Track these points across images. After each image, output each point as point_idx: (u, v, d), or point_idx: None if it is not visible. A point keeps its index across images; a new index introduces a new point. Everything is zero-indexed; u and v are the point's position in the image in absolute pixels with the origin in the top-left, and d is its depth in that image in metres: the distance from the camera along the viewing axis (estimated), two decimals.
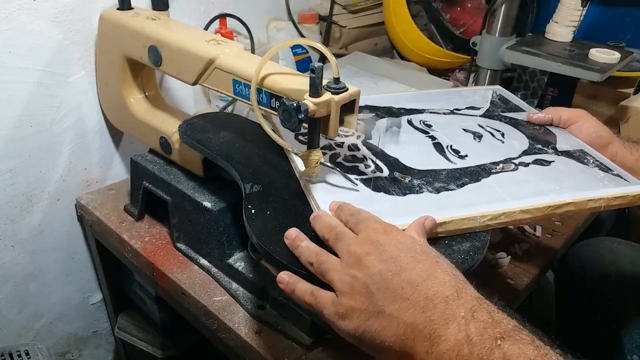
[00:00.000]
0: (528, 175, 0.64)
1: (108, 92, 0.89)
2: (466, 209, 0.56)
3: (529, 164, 0.66)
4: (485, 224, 0.56)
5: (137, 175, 0.85)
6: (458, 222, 0.55)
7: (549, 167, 0.66)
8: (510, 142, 0.72)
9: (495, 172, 0.64)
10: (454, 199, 0.59)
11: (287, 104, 0.51)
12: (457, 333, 0.41)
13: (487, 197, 0.59)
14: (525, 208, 0.57)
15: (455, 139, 0.71)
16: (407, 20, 1.26)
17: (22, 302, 0.96)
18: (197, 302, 0.72)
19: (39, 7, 0.79)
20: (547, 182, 0.62)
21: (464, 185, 0.61)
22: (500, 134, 0.74)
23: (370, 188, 0.59)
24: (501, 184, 0.61)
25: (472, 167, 0.65)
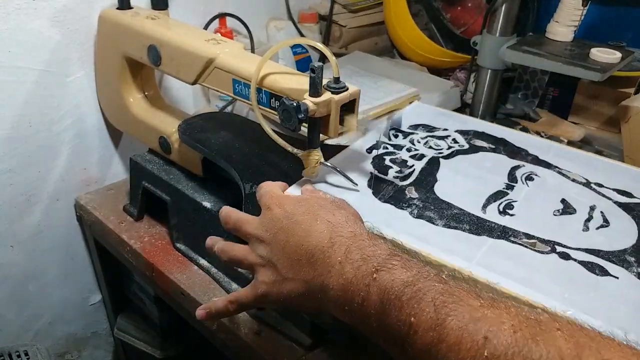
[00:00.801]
0: (548, 265, 0.50)
1: (107, 92, 0.89)
2: (422, 244, 0.51)
3: (572, 260, 0.51)
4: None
5: (136, 175, 0.85)
6: (433, 260, 0.50)
7: (598, 277, 0.49)
8: (596, 234, 0.55)
9: (514, 241, 0.53)
10: (425, 231, 0.54)
11: (287, 103, 0.51)
12: (338, 279, 0.44)
13: (453, 248, 0.51)
14: (475, 277, 0.47)
15: (530, 200, 0.60)
16: (407, 19, 1.25)
17: (21, 303, 0.96)
18: (197, 302, 0.72)
19: (38, 6, 0.79)
20: (559, 285, 0.47)
21: (454, 229, 0.55)
22: (599, 224, 0.57)
23: (371, 186, 0.59)
24: (493, 250, 0.51)
25: (493, 224, 0.55)
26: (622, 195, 0.62)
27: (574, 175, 0.65)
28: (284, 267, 0.48)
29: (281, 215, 0.50)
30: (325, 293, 0.45)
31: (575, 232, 0.55)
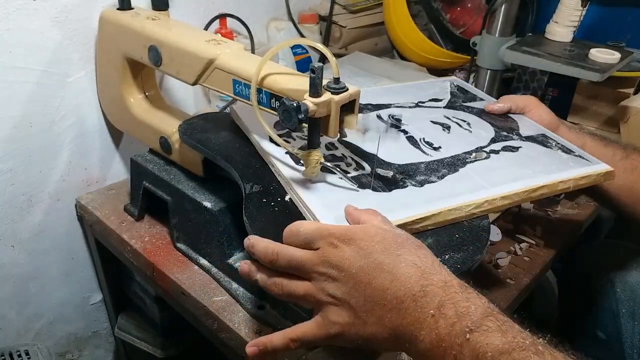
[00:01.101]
0: (500, 162, 0.66)
1: (108, 92, 0.89)
2: (451, 199, 0.58)
3: (499, 151, 0.69)
4: (470, 213, 0.57)
5: (137, 175, 0.85)
6: (446, 214, 0.56)
7: (518, 152, 0.69)
8: (477, 131, 0.74)
9: (470, 161, 0.66)
10: (437, 190, 0.60)
11: (287, 104, 0.51)
12: (430, 333, 0.42)
13: (468, 187, 0.60)
14: (505, 194, 0.59)
15: (426, 132, 0.72)
16: (407, 20, 1.26)
17: (22, 302, 0.96)
18: (197, 302, 0.72)
19: (39, 7, 0.79)
20: (519, 168, 0.65)
21: (444, 177, 0.63)
22: (466, 124, 0.76)
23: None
24: (478, 173, 0.64)
25: (448, 159, 0.67)
26: (435, 101, 0.82)
27: (408, 103, 0.81)
28: (363, 310, 0.45)
29: (355, 253, 0.46)
30: (414, 344, 0.43)
31: (471, 137, 0.72)
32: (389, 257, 0.45)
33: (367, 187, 0.60)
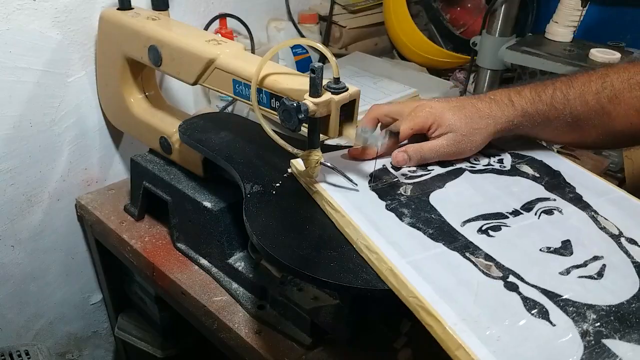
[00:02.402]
0: (486, 290, 0.46)
1: (108, 92, 0.89)
2: (371, 229, 0.51)
3: (518, 294, 0.46)
4: (359, 247, 0.51)
5: (137, 175, 0.85)
6: (344, 222, 0.53)
7: (527, 315, 0.44)
8: (577, 282, 0.48)
9: (467, 257, 0.49)
10: (385, 222, 0.53)
11: (287, 104, 0.51)
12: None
13: (399, 242, 0.50)
14: (395, 271, 0.47)
15: (527, 231, 0.53)
16: (407, 20, 1.25)
17: (22, 302, 0.96)
18: (197, 302, 0.72)
19: (39, 7, 0.79)
20: (480, 310, 0.44)
21: (416, 229, 0.52)
22: (596, 271, 0.49)
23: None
24: (437, 257, 0.49)
25: (459, 237, 0.52)
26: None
27: (607, 223, 0.55)
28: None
29: None
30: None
31: (548, 272, 0.48)
32: None
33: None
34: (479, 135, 0.62)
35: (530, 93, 0.63)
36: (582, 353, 0.40)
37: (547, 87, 0.63)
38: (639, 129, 0.62)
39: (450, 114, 0.62)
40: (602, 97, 0.62)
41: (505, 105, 0.63)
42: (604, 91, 0.62)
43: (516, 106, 0.63)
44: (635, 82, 0.61)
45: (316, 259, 0.51)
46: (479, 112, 0.62)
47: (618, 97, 0.61)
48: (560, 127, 0.64)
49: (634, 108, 0.61)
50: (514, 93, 0.64)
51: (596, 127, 0.63)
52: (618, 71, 0.62)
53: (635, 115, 0.61)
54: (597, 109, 0.62)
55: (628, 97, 0.61)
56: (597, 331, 0.42)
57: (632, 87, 0.61)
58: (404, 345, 0.66)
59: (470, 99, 0.64)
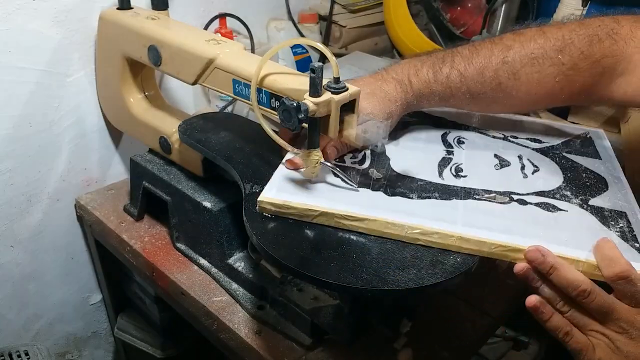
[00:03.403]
0: (514, 213, 0.57)
1: (108, 92, 0.89)
2: (403, 216, 0.53)
3: (529, 204, 0.58)
4: (414, 237, 0.53)
5: (136, 175, 0.85)
6: (382, 224, 0.53)
7: (554, 214, 0.57)
8: (535, 179, 0.63)
9: (479, 198, 0.59)
10: (402, 205, 0.56)
11: (287, 103, 0.51)
12: None
13: (437, 215, 0.55)
14: (466, 237, 0.52)
15: (472, 160, 0.66)
16: (407, 20, 1.25)
17: (21, 302, 0.96)
18: (197, 302, 0.72)
19: (39, 7, 0.79)
20: (532, 226, 0.54)
21: (428, 199, 0.58)
22: (532, 170, 0.65)
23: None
24: (469, 210, 0.56)
25: (455, 187, 0.60)
26: (534, 142, 0.72)
27: (492, 132, 0.74)
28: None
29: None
30: None
31: (519, 181, 0.63)
32: None
33: (339, 176, 0.59)
34: (394, 117, 0.64)
35: (427, 73, 0.65)
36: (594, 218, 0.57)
37: (445, 64, 0.64)
38: (541, 99, 0.66)
39: (366, 103, 0.62)
40: (501, 73, 0.63)
41: (405, 85, 0.65)
42: (504, 66, 0.63)
43: (414, 88, 0.65)
44: (536, 56, 0.62)
45: (316, 259, 0.51)
46: (388, 96, 0.64)
47: (519, 73, 0.63)
48: (460, 102, 0.67)
49: (535, 81, 0.63)
50: (413, 72, 0.65)
51: (496, 100, 0.66)
52: (522, 44, 0.63)
53: (537, 88, 0.64)
54: (495, 85, 0.64)
55: (529, 72, 0.63)
56: (582, 199, 0.61)
57: (533, 62, 0.62)
58: (404, 345, 0.66)
59: (376, 81, 0.65)
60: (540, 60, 0.62)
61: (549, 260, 0.49)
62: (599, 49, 0.61)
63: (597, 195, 0.62)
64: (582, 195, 0.61)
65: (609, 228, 0.56)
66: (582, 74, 0.62)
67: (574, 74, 0.62)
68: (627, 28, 0.62)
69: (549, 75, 0.63)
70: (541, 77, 0.63)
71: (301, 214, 0.55)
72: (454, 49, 0.67)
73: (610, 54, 0.61)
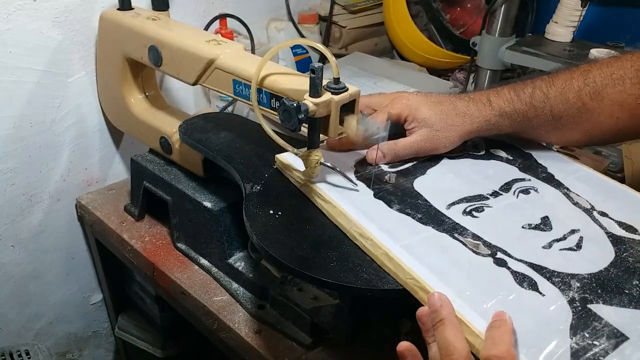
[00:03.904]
0: (477, 268, 0.49)
1: (108, 92, 0.89)
2: (357, 212, 0.53)
3: (507, 269, 0.49)
4: (354, 234, 0.53)
5: (137, 175, 0.85)
6: (337, 211, 0.55)
7: (517, 287, 0.47)
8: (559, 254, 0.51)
9: (456, 238, 0.52)
10: (376, 210, 0.55)
11: (287, 104, 0.51)
12: None
13: (390, 228, 0.52)
14: (390, 255, 0.49)
15: (508, 210, 0.57)
16: (407, 20, 1.26)
17: (22, 302, 0.96)
18: (197, 302, 0.72)
19: (39, 7, 0.79)
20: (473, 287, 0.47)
21: (405, 214, 0.55)
22: (575, 243, 0.53)
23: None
24: (428, 239, 0.52)
25: (447, 219, 0.55)
26: (624, 228, 0.55)
27: (580, 199, 0.59)
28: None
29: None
30: None
31: (532, 246, 0.52)
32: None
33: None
34: (454, 131, 0.62)
35: (509, 93, 0.63)
36: (571, 318, 0.44)
37: (526, 86, 0.63)
38: (624, 124, 0.62)
39: (426, 109, 0.62)
40: (583, 94, 0.61)
41: (483, 104, 0.63)
42: (585, 87, 0.61)
43: (494, 106, 0.63)
44: (617, 76, 0.60)
45: (316, 259, 0.51)
46: (456, 110, 0.62)
47: (601, 94, 0.61)
48: (542, 125, 0.64)
49: (618, 103, 0.61)
50: (492, 93, 0.64)
51: (579, 124, 0.63)
52: (600, 67, 0.62)
53: (619, 110, 0.61)
54: (579, 106, 0.62)
55: (611, 93, 0.60)
56: (582, 297, 0.46)
57: (615, 83, 0.60)
58: None
59: (449, 97, 0.64)
60: (622, 81, 0.60)
61: (442, 312, 0.44)
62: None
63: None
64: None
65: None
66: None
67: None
68: None
69: (632, 96, 0.60)
70: (624, 98, 0.60)
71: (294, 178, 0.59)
72: (532, 77, 0.65)
73: None
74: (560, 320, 0.44)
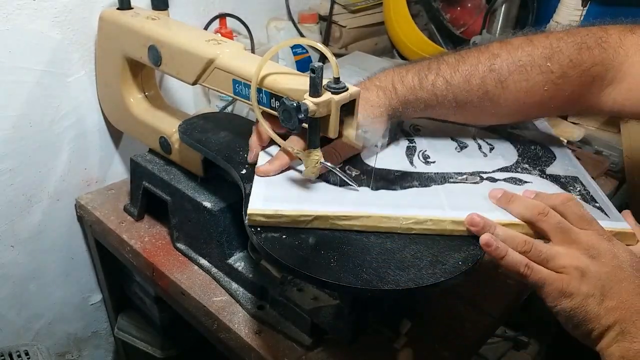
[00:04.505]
0: (488, 190, 0.59)
1: (108, 92, 0.89)
2: (393, 209, 0.55)
3: (498, 180, 0.63)
4: (408, 227, 0.54)
5: (137, 175, 0.85)
6: (377, 219, 0.54)
7: (522, 187, 0.61)
8: (495, 157, 0.68)
9: (454, 181, 0.62)
10: (389, 198, 0.58)
11: (287, 103, 0.51)
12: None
13: (424, 202, 0.57)
14: (457, 219, 0.54)
15: (434, 146, 0.69)
16: (407, 20, 1.25)
17: (21, 302, 0.96)
18: (197, 302, 0.72)
19: (39, 7, 0.79)
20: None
21: (409, 188, 0.60)
22: (489, 148, 0.70)
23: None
24: (450, 193, 0.59)
25: (430, 174, 0.63)
26: (488, 130, 0.74)
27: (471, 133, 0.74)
28: (607, 294, 0.50)
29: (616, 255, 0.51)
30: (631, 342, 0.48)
31: (481, 160, 0.67)
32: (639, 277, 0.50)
33: (322, 178, 0.60)
34: (378, 123, 0.63)
35: (412, 79, 0.63)
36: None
37: (430, 72, 0.63)
38: (531, 109, 0.64)
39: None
40: (488, 80, 0.62)
41: (389, 92, 0.64)
42: (491, 74, 0.61)
43: (399, 94, 0.64)
44: (524, 63, 0.61)
45: (316, 259, 0.51)
46: (370, 103, 0.63)
47: (506, 80, 0.61)
48: (446, 111, 0.66)
49: (524, 89, 0.62)
50: (398, 79, 0.64)
51: (483, 109, 0.64)
52: (509, 51, 0.62)
53: (525, 97, 0.62)
54: (482, 94, 0.62)
55: (517, 80, 0.61)
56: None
57: (521, 70, 0.61)
58: (404, 345, 0.66)
59: (364, 91, 0.63)
60: (529, 68, 0.61)
61: (539, 204, 0.52)
62: (589, 57, 0.60)
63: (550, 164, 0.68)
64: (538, 166, 0.67)
65: (571, 192, 0.62)
66: (571, 83, 0.61)
67: (563, 83, 0.61)
68: (615, 37, 0.61)
69: (538, 84, 0.61)
70: (529, 86, 0.61)
71: (295, 220, 0.53)
72: (440, 57, 0.65)
73: (599, 62, 0.60)
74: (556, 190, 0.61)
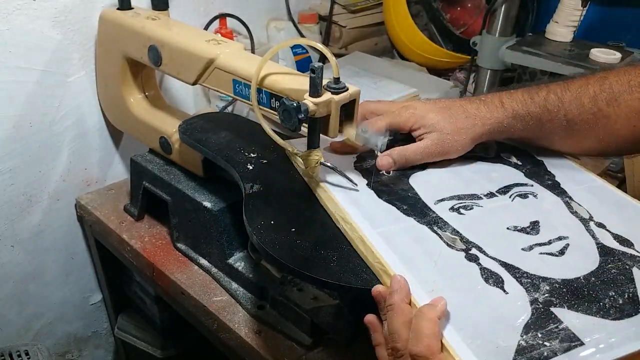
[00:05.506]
0: (447, 261, 0.49)
1: (108, 92, 0.89)
2: (350, 205, 0.55)
3: (477, 265, 0.49)
4: (336, 218, 0.55)
5: (137, 175, 0.85)
6: (327, 197, 0.57)
7: (482, 283, 0.47)
8: (539, 258, 0.50)
9: (435, 231, 0.52)
10: (364, 198, 0.57)
11: (287, 103, 0.51)
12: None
13: (371, 215, 0.54)
14: (364, 239, 0.51)
15: (498, 212, 0.56)
16: (407, 20, 1.25)
17: (22, 302, 0.96)
18: (197, 302, 0.72)
19: (39, 7, 0.79)
20: (439, 277, 0.47)
21: (391, 205, 0.56)
22: (559, 249, 0.52)
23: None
24: (407, 231, 0.52)
25: (431, 213, 0.55)
26: (618, 241, 0.53)
27: (580, 208, 0.57)
28: None
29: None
30: None
31: (511, 247, 0.51)
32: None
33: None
34: (465, 134, 0.61)
35: (522, 95, 0.61)
36: (528, 317, 0.43)
37: (540, 90, 0.61)
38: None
39: (434, 114, 0.61)
40: (599, 99, 0.59)
41: (495, 106, 0.61)
42: (602, 93, 0.59)
43: (506, 107, 0.61)
44: (635, 83, 0.59)
45: (316, 259, 0.51)
46: (466, 113, 0.61)
47: (617, 100, 0.59)
48: (555, 130, 0.62)
49: (635, 110, 0.59)
50: (505, 95, 0.62)
51: (594, 131, 0.61)
52: (617, 74, 0.60)
53: (637, 118, 0.59)
54: (595, 112, 0.60)
55: (628, 99, 0.59)
56: (547, 300, 0.45)
57: (633, 89, 0.59)
58: None
59: (459, 101, 0.63)
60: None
61: (394, 297, 0.44)
62: None
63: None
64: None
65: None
66: None
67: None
68: None
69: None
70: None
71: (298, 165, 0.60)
72: (546, 82, 0.63)
73: None
74: (516, 318, 0.43)
